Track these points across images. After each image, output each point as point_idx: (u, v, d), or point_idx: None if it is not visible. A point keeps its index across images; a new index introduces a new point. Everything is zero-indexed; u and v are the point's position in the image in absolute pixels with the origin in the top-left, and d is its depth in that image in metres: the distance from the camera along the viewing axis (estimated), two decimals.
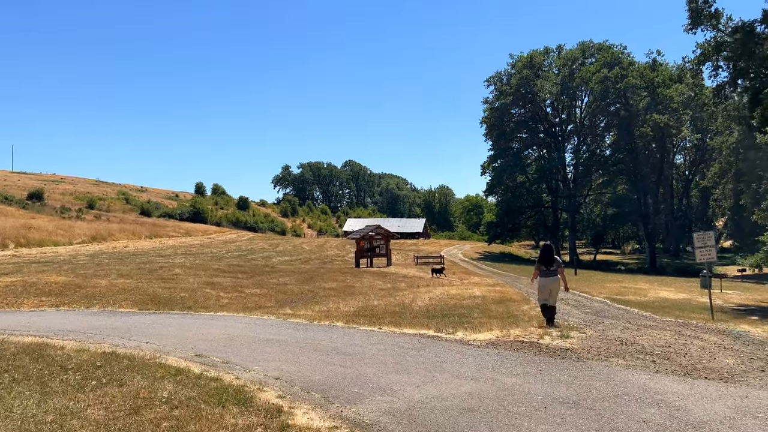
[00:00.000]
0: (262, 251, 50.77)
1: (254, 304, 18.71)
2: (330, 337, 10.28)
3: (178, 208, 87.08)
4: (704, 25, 35.93)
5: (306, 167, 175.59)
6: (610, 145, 69.32)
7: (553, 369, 7.59)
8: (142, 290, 19.23)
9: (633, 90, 62.94)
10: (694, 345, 9.29)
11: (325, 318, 13.20)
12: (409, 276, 32.33)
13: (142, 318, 12.95)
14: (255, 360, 8.23)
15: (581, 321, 13.06)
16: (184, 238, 61.15)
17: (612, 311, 16.99)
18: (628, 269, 60.14)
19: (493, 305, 17.41)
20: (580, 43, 71.86)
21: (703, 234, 16.29)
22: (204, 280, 23.83)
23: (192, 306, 16.98)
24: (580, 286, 29.87)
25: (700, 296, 27.14)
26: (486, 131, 73.42)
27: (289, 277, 27.83)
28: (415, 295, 20.99)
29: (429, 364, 7.89)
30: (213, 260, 36.94)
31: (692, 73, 60.58)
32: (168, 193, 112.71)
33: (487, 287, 25.76)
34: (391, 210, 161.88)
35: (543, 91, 71.20)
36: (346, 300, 19.23)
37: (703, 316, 16.22)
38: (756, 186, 27.76)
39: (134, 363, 7.73)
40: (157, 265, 29.82)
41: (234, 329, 11.10)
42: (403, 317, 13.47)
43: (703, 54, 55.65)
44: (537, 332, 10.53)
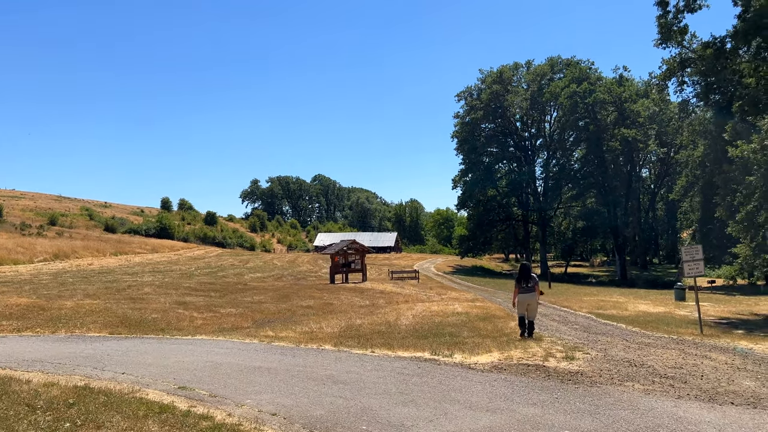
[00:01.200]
0: (233, 268, 49.52)
1: (230, 324, 17.86)
2: (321, 362, 9.62)
3: (144, 224, 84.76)
4: (673, 40, 36.43)
5: (275, 181, 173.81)
6: (579, 158, 70.12)
7: (570, 396, 7.09)
8: (111, 311, 18.19)
9: (601, 105, 63.92)
10: (706, 365, 8.93)
11: (310, 340, 12.52)
12: (386, 292, 31.71)
13: (115, 344, 12.05)
14: (245, 392, 7.53)
15: (576, 339, 12.66)
16: (150, 254, 59.37)
17: (601, 327, 16.69)
18: (599, 282, 60.58)
19: (480, 322, 16.96)
20: (548, 59, 72.80)
21: (691, 248, 16.14)
22: (175, 300, 22.83)
23: (165, 328, 16.07)
24: (560, 300, 29.71)
25: (678, 309, 27.22)
26: (457, 145, 73.57)
27: (264, 295, 26.95)
28: (398, 312, 20.42)
29: (436, 394, 7.32)
30: (183, 278, 35.72)
31: (658, 88, 62.09)
32: (133, 208, 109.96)
33: (467, 303, 25.35)
34: (362, 224, 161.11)
35: (513, 106, 71.84)
36: (327, 319, 18.53)
37: (692, 330, 16.05)
38: (731, 199, 28.06)
39: (111, 399, 6.96)
40: (125, 283, 28.60)
41: (217, 355, 10.34)
42: (392, 338, 12.89)
43: (668, 70, 56.85)
44: (539, 353, 10.06)
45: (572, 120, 66.35)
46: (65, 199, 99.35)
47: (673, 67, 55.09)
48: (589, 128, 64.77)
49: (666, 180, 78.61)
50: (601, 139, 63.70)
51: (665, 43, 35.43)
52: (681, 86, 63.70)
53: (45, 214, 72.78)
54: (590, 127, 64.64)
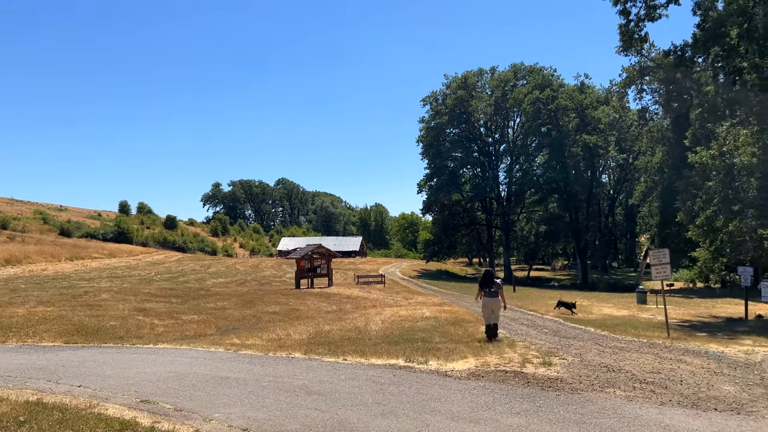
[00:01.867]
0: (194, 273, 48.35)
1: (193, 332, 17.24)
2: (292, 372, 9.22)
3: (101, 228, 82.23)
4: (634, 48, 37.09)
5: (237, 185, 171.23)
6: (542, 164, 71.07)
7: (553, 405, 6.89)
8: (67, 319, 17.33)
9: (563, 111, 64.99)
10: (683, 370, 8.88)
11: (279, 348, 12.08)
12: (353, 297, 31.33)
13: (71, 354, 11.38)
14: (213, 405, 7.09)
15: (549, 343, 12.56)
16: (108, 259, 57.54)
17: (570, 331, 16.69)
18: (561, 285, 61.42)
19: (450, 327, 16.77)
20: (512, 65, 73.66)
21: (658, 251, 16.28)
22: (135, 306, 21.97)
23: (124, 336, 15.37)
24: (526, 304, 29.84)
25: (641, 312, 27.68)
26: (422, 150, 73.71)
27: (228, 301, 26.25)
28: (367, 318, 20.09)
29: (415, 404, 7.02)
30: (142, 284, 34.61)
31: (619, 95, 63.41)
32: (90, 212, 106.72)
33: (435, 307, 25.20)
34: (326, 228, 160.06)
35: (477, 111, 72.42)
36: (294, 325, 18.06)
37: (659, 334, 16.17)
38: (691, 203, 28.68)
39: (66, 416, 6.44)
40: (81, 289, 27.48)
41: (181, 365, 9.81)
42: (363, 344, 12.55)
43: (628, 77, 58.09)
44: (516, 359, 9.87)
45: (535, 126, 67.27)
46: (18, 202, 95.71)
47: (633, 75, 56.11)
48: (552, 134, 65.74)
49: (625, 185, 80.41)
50: (563, 145, 64.69)
51: (627, 50, 36.09)
52: (640, 94, 64.72)
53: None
54: (553, 133, 65.62)
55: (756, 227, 26.68)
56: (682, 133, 51.21)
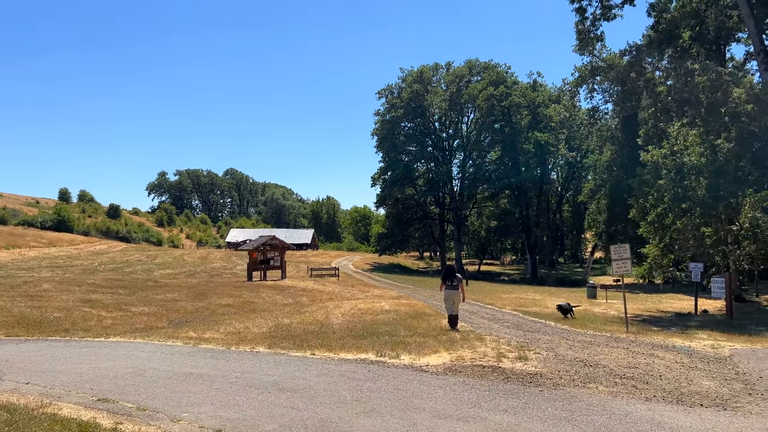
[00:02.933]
0: (140, 263, 46.65)
1: (144, 324, 16.45)
2: (260, 367, 8.73)
3: (39, 216, 78.42)
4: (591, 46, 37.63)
5: (184, 174, 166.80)
6: (494, 160, 71.86)
7: (539, 401, 6.69)
8: (6, 310, 16.23)
9: (516, 108, 65.85)
10: (658, 365, 8.87)
11: (240, 342, 11.53)
12: (308, 290, 30.80)
13: (13, 347, 10.52)
14: (180, 403, 6.56)
15: (515, 337, 12.46)
16: (47, 248, 54.85)
17: (532, 324, 16.71)
18: (511, 279, 62.40)
19: (412, 320, 16.55)
20: (467, 61, 74.06)
21: (619, 247, 16.48)
22: (80, 297, 20.86)
23: (69, 329, 14.48)
24: (481, 298, 30.00)
25: (592, 306, 28.21)
26: (377, 143, 73.26)
27: (178, 293, 25.31)
28: (326, 311, 19.67)
29: (397, 401, 6.69)
30: (86, 274, 33.05)
31: (571, 94, 64.70)
32: (27, 199, 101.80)
33: (393, 300, 24.99)
34: (277, 220, 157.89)
35: (432, 106, 72.51)
36: (251, 318, 17.47)
37: (617, 328, 16.39)
38: (643, 201, 29.41)
39: (16, 417, 5.80)
40: (20, 279, 25.97)
41: (138, 360, 9.17)
42: (328, 338, 12.14)
43: (580, 77, 59.25)
44: (490, 353, 9.67)
45: (489, 122, 67.93)
46: None
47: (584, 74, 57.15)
48: (505, 131, 66.51)
49: (572, 183, 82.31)
50: (515, 142, 65.61)
51: (583, 49, 36.59)
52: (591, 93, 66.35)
53: None
54: (506, 129, 66.39)
55: (699, 225, 27.62)
56: (630, 132, 52.70)
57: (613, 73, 46.69)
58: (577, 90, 68.31)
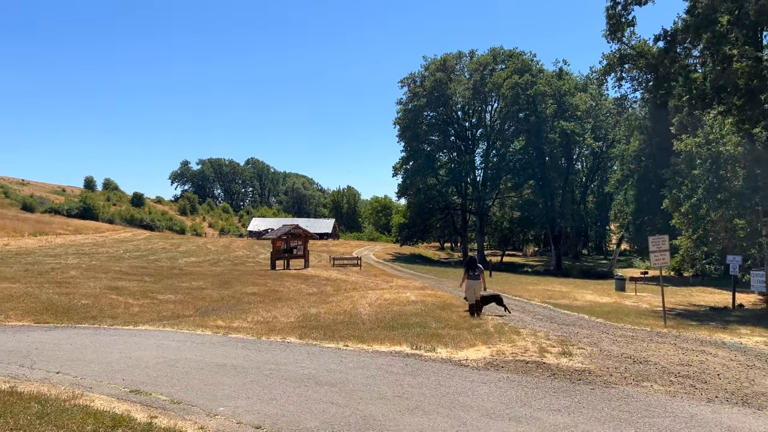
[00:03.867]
0: (164, 251, 46.88)
1: (171, 312, 16.32)
2: (294, 358, 8.45)
3: (65, 204, 79.46)
4: (622, 31, 36.59)
5: (206, 163, 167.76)
6: (519, 150, 70.80)
7: (593, 400, 6.29)
8: (34, 297, 16.20)
9: (542, 97, 64.66)
10: (713, 362, 8.40)
11: (270, 332, 11.28)
12: (331, 279, 30.59)
13: (42, 335, 10.39)
14: (215, 396, 6.29)
15: (552, 331, 12.04)
16: (73, 236, 55.44)
17: (564, 317, 16.26)
18: (535, 271, 61.61)
19: (441, 312, 16.20)
20: (491, 49, 72.93)
21: (658, 238, 15.91)
22: (106, 284, 20.85)
23: (97, 316, 14.39)
24: (506, 289, 29.52)
25: (623, 299, 27.60)
26: (399, 132, 72.65)
27: (203, 281, 25.26)
28: (352, 301, 19.40)
29: (442, 398, 6.34)
30: (112, 261, 33.22)
31: (598, 82, 63.43)
32: (54, 187, 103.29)
33: (418, 291, 24.65)
34: (297, 210, 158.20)
35: (455, 95, 71.61)
36: (278, 307, 17.26)
37: (655, 322, 15.88)
38: (677, 191, 28.59)
39: (47, 408, 5.57)
40: (48, 266, 26.12)
41: (169, 350, 8.95)
42: (358, 329, 11.84)
43: (608, 65, 58.00)
44: (531, 348, 9.27)
45: (513, 111, 66.83)
46: None
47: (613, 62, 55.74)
48: (530, 120, 65.41)
49: (598, 173, 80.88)
50: (540, 131, 64.50)
51: (614, 34, 35.60)
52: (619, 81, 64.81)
53: None
54: (531, 118, 65.28)
55: (732, 216, 26.75)
56: (660, 121, 51.44)
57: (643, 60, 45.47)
58: (604, 78, 66.70)
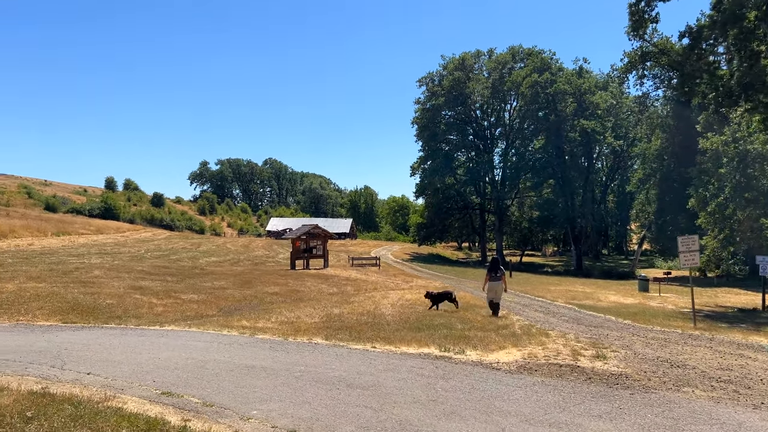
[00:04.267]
0: (185, 251, 47.21)
1: (194, 312, 16.35)
2: (322, 360, 8.36)
3: (87, 204, 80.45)
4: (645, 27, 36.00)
5: (225, 164, 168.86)
6: (538, 149, 70.20)
7: (634, 406, 6.11)
8: (60, 296, 16.33)
9: (561, 95, 64.00)
10: (754, 367, 8.16)
11: (296, 332, 11.22)
12: (351, 279, 30.53)
13: (70, 335, 10.43)
14: (247, 399, 6.22)
15: (581, 333, 11.83)
16: (95, 236, 56.10)
17: (592, 319, 16.02)
18: (555, 271, 61.06)
19: (464, 313, 16.06)
20: (510, 48, 72.38)
21: (687, 238, 15.59)
22: (130, 284, 20.98)
23: (122, 315, 14.45)
24: (528, 290, 29.26)
25: (647, 300, 27.16)
26: (417, 132, 72.41)
27: (225, 281, 25.34)
28: (374, 301, 19.32)
29: (476, 402, 6.20)
30: (134, 261, 33.51)
31: (619, 80, 62.60)
32: (76, 187, 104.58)
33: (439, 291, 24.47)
34: (315, 210, 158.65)
35: (474, 94, 71.18)
36: (300, 307, 17.22)
37: (684, 324, 15.55)
38: (703, 190, 28.10)
39: (80, 410, 5.53)
40: (72, 265, 26.39)
41: (197, 351, 8.91)
42: (384, 330, 11.73)
43: (630, 63, 57.28)
44: (563, 351, 9.09)
45: (532, 109, 66.27)
46: (1, 176, 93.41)
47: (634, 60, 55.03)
48: (550, 118, 64.83)
49: (618, 172, 79.88)
50: (560, 130, 63.88)
51: (636, 31, 35.08)
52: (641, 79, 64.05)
53: None
54: (551, 117, 64.69)
55: (759, 216, 26.20)
56: (683, 120, 50.63)
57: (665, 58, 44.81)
58: (626, 76, 65.79)
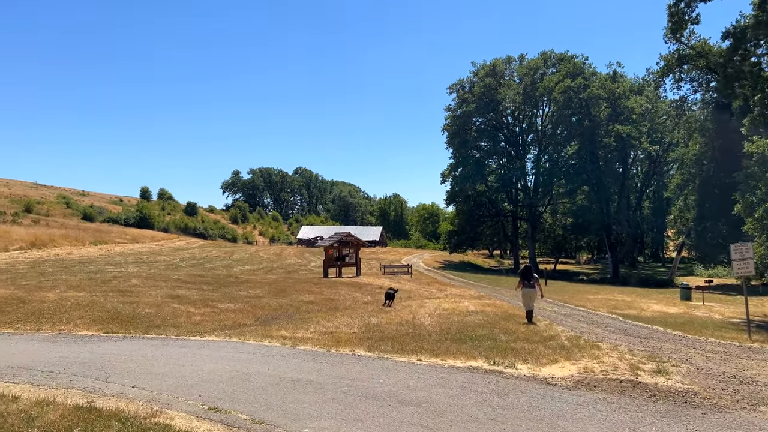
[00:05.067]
0: (219, 259, 47.60)
1: (232, 321, 16.27)
2: (369, 374, 8.09)
3: (123, 213, 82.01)
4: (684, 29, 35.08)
5: (256, 173, 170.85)
6: (572, 154, 69.05)
7: (710, 427, 5.69)
8: (100, 306, 16.43)
9: (595, 100, 62.90)
10: None
11: (336, 343, 10.97)
12: (384, 287, 30.16)
13: (113, 346, 10.37)
14: (296, 416, 5.98)
15: (631, 344, 11.31)
16: (131, 244, 57.04)
17: (638, 330, 15.42)
18: (590, 279, 59.79)
19: (506, 323, 15.60)
20: (541, 53, 71.57)
21: (741, 245, 14.91)
22: (167, 293, 21.08)
23: (161, 325, 14.44)
24: (567, 299, 28.56)
25: (692, 309, 26.21)
26: (448, 139, 72.00)
27: (260, 289, 25.33)
28: (411, 310, 18.97)
29: (539, 422, 5.86)
30: (169, 269, 33.82)
31: (656, 84, 61.20)
32: (111, 197, 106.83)
33: (475, 300, 24.00)
34: (344, 218, 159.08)
35: (505, 100, 70.49)
36: (337, 317, 17.00)
37: (737, 335, 14.86)
38: (750, 195, 27.11)
39: (128, 427, 5.37)
40: (110, 274, 26.70)
41: (240, 363, 8.73)
42: (426, 341, 11.40)
43: (666, 66, 56.02)
44: (620, 365, 8.66)
45: (565, 115, 65.24)
46: (41, 187, 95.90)
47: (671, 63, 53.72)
48: (583, 124, 63.73)
49: (654, 178, 78.07)
50: (594, 135, 62.69)
51: (676, 33, 34.28)
52: (678, 83, 62.64)
53: (20, 201, 69.76)
54: (584, 122, 63.59)
55: None
56: (723, 123, 49.16)
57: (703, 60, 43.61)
58: (662, 80, 64.39)
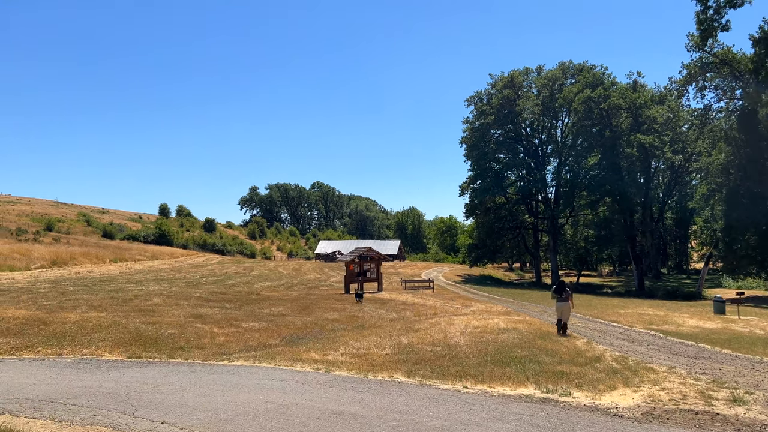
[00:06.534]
0: (239, 276, 47.26)
1: (257, 341, 15.72)
2: (415, 405, 7.47)
3: (142, 231, 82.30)
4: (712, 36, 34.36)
5: (274, 188, 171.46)
6: (593, 165, 67.98)
7: None
8: (122, 327, 15.99)
9: (616, 110, 61.99)
10: None
11: (371, 367, 10.36)
12: (408, 303, 29.57)
13: (137, 372, 9.86)
14: None
15: (685, 366, 10.56)
16: (151, 261, 56.98)
17: (684, 348, 14.61)
18: (615, 292, 58.48)
19: (543, 342, 14.89)
20: (559, 64, 70.88)
21: None
22: (190, 312, 20.62)
23: (184, 346, 13.95)
24: (597, 314, 27.74)
25: (730, 324, 25.18)
26: (466, 152, 71.40)
27: (282, 307, 24.81)
28: (440, 328, 18.30)
29: None
30: (190, 287, 33.47)
31: (678, 93, 60.08)
32: (131, 214, 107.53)
33: (504, 317, 23.24)
34: (361, 232, 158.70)
35: (524, 111, 69.79)
36: (365, 336, 16.39)
37: None
38: None
39: None
40: (131, 293, 26.36)
41: (274, 392, 8.16)
42: (465, 364, 10.75)
43: (689, 74, 54.95)
44: (689, 393, 7.95)
45: (586, 126, 64.34)
46: (62, 205, 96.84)
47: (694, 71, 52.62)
48: (604, 134, 62.80)
49: (676, 188, 76.64)
50: (616, 146, 61.70)
51: (705, 40, 33.51)
52: (701, 91, 61.26)
53: (41, 219, 70.29)
54: (606, 132, 62.65)
55: None
56: (750, 131, 48.00)
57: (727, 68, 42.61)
58: (685, 88, 63.11)
